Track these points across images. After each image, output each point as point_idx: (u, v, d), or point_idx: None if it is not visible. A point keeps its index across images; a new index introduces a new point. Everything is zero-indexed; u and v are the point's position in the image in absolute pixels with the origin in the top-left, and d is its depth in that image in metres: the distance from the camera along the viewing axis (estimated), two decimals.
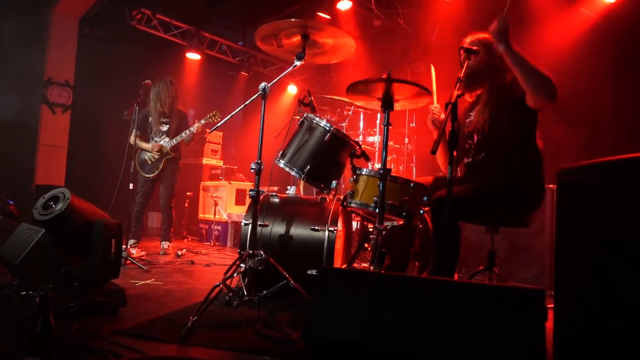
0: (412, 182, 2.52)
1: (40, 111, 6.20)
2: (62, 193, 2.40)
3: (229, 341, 1.96)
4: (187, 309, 2.48)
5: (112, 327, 2.05)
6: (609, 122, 4.53)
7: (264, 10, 7.14)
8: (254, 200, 2.55)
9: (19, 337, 1.84)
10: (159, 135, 4.82)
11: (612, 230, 1.31)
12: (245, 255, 2.52)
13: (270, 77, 7.22)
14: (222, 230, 6.06)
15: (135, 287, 3.01)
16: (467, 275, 3.65)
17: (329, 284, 1.66)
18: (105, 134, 7.13)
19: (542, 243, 3.45)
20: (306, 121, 2.79)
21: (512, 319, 1.36)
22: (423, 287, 1.55)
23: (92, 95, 6.77)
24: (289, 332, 2.05)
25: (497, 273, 2.69)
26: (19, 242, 2.74)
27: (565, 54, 4.56)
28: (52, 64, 6.24)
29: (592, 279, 1.35)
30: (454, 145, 2.02)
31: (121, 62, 6.99)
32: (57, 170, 6.26)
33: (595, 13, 4.61)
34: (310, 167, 2.68)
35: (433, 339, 1.41)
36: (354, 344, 1.48)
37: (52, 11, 6.17)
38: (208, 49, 7.49)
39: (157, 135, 4.83)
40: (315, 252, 2.76)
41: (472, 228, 3.75)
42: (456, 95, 2.08)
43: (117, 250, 2.46)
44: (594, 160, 1.40)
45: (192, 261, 4.35)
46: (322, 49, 2.90)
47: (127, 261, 3.81)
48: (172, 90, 4.83)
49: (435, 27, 6.12)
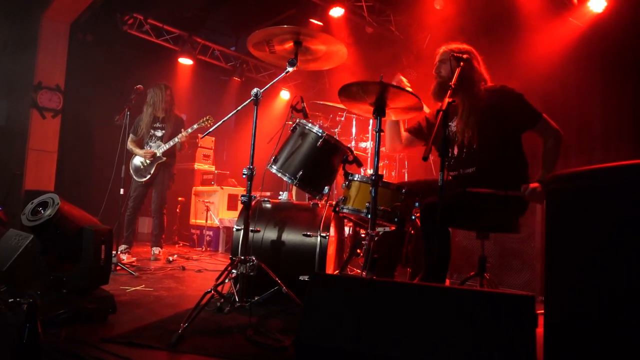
0: (404, 188, 2.53)
1: (30, 116, 6.13)
2: (51, 198, 2.38)
3: (220, 348, 1.95)
4: (177, 315, 2.46)
5: (102, 334, 2.03)
6: (596, 130, 4.59)
7: (256, 16, 7.16)
8: (246, 205, 2.55)
9: (5, 345, 1.81)
10: (153, 141, 4.81)
11: (601, 235, 1.33)
12: (237, 261, 2.51)
13: (263, 83, 7.24)
14: (214, 236, 6.03)
15: (125, 294, 2.98)
16: (458, 281, 3.66)
17: (320, 290, 1.66)
18: (96, 139, 7.09)
19: (532, 249, 3.48)
20: (298, 127, 2.80)
21: (502, 325, 1.37)
22: (414, 293, 1.56)
23: (82, 100, 6.73)
24: (281, 338, 2.04)
25: (488, 279, 2.70)
26: (7, 248, 2.70)
27: (553, 63, 4.62)
28: (43, 68, 6.19)
29: (582, 283, 1.36)
30: (445, 152, 2.04)
31: (112, 67, 6.97)
32: (46, 175, 6.20)
33: (583, 23, 4.68)
34: (303, 172, 2.68)
35: (424, 345, 1.41)
36: (345, 350, 1.48)
37: (42, 16, 6.13)
38: (200, 54, 7.49)
39: (152, 141, 4.81)
40: (307, 258, 2.76)
41: (463, 234, 3.77)
42: (447, 102, 2.10)
43: (107, 256, 2.44)
44: (583, 167, 1.42)
45: (184, 267, 4.32)
46: (314, 55, 2.91)
47: (117, 267, 3.78)
48: (167, 95, 4.82)
49: (426, 34, 6.18)
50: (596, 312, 1.31)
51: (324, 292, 1.65)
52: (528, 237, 3.48)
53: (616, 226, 1.29)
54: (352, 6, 6.08)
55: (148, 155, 4.71)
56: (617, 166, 1.31)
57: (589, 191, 1.38)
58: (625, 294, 1.24)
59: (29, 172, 6.06)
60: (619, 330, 1.25)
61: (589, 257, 1.35)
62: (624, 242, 1.26)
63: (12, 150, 6.16)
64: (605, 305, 1.29)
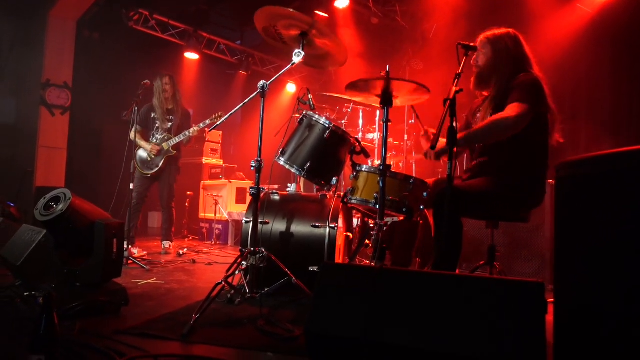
0: (412, 178, 2.52)
1: (39, 113, 6.20)
2: (63, 193, 2.41)
3: (231, 338, 1.98)
4: (189, 307, 2.49)
5: (115, 326, 2.06)
6: (607, 116, 4.55)
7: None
8: (255, 198, 2.56)
9: (21, 338, 1.85)
10: (160, 133, 4.73)
11: (611, 222, 1.32)
12: (247, 252, 2.53)
13: (269, 76, 7.21)
14: (223, 229, 6.07)
15: (137, 287, 3.02)
16: (467, 270, 3.66)
17: (330, 280, 1.67)
18: (105, 134, 7.14)
19: (542, 238, 3.46)
20: (305, 119, 2.80)
21: (512, 312, 1.37)
22: (423, 282, 1.56)
23: (90, 97, 6.77)
24: (291, 328, 2.06)
25: (497, 268, 2.70)
26: (21, 243, 2.74)
27: (562, 50, 4.57)
28: (50, 65, 6.24)
29: (592, 270, 1.36)
30: (453, 142, 2.03)
31: (119, 63, 7.00)
32: (57, 172, 6.27)
33: (591, 9, 4.62)
34: (310, 164, 2.69)
35: (434, 332, 1.42)
36: (355, 339, 1.49)
37: (49, 13, 6.17)
38: (206, 49, 7.49)
39: (159, 133, 4.73)
40: (316, 249, 2.77)
41: (473, 223, 3.76)
42: (454, 91, 2.08)
43: (118, 249, 2.47)
44: (592, 153, 1.41)
45: (194, 260, 4.36)
46: (317, 51, 2.89)
47: (128, 261, 3.83)
48: (164, 83, 4.72)
49: (433, 23, 6.12)
50: (606, 300, 1.31)
51: (334, 281, 1.66)
52: (538, 226, 3.46)
53: (626, 213, 1.28)
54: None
55: (154, 151, 4.63)
56: (626, 151, 1.29)
57: (599, 177, 1.37)
58: (636, 281, 1.24)
59: (40, 169, 6.14)
60: (629, 318, 1.24)
61: (599, 244, 1.34)
62: (634, 229, 1.25)
63: (22, 148, 6.23)
64: (615, 293, 1.28)
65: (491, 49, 2.54)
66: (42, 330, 1.37)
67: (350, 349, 1.52)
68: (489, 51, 2.55)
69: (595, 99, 4.62)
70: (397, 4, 6.30)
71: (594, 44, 4.52)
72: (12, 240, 2.92)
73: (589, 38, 4.54)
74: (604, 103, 4.57)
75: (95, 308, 2.25)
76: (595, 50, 4.51)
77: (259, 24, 2.80)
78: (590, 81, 4.65)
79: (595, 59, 4.53)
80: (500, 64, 2.51)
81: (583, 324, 1.37)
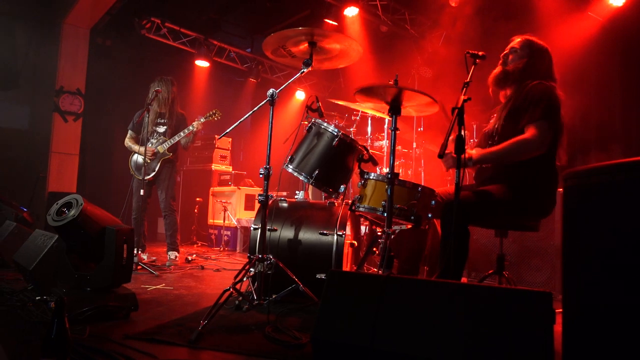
0: (420, 186, 2.52)
1: (53, 119, 6.31)
2: (75, 199, 2.44)
3: (239, 345, 1.99)
4: (197, 313, 2.51)
5: (125, 331, 2.08)
6: (617, 125, 4.51)
7: (271, 18, 7.21)
8: (263, 204, 2.58)
9: (33, 341, 1.88)
10: (154, 137, 4.59)
11: (619, 232, 1.32)
12: (255, 259, 2.55)
13: (278, 83, 7.29)
14: (232, 236, 6.10)
15: (146, 292, 3.05)
16: (476, 279, 3.64)
17: (337, 288, 1.67)
18: (116, 141, 7.22)
19: (552, 246, 3.43)
20: (314, 126, 2.82)
21: (519, 321, 1.36)
22: (431, 290, 1.56)
23: (103, 103, 6.89)
24: (299, 335, 2.07)
25: (506, 277, 2.68)
26: (33, 248, 2.79)
27: (573, 57, 4.55)
28: (64, 73, 6.36)
29: (599, 280, 1.35)
30: (461, 149, 2.03)
31: (131, 70, 7.11)
32: (69, 177, 6.36)
33: (602, 16, 4.61)
34: (319, 171, 2.70)
35: (441, 341, 1.41)
36: (362, 347, 1.49)
37: (63, 22, 6.30)
38: (216, 57, 7.58)
39: (153, 137, 4.59)
40: (323, 256, 2.78)
41: (482, 232, 3.74)
42: (463, 100, 2.09)
43: (128, 255, 2.49)
44: (601, 163, 1.40)
45: (202, 266, 4.38)
46: (329, 54, 2.92)
47: (138, 266, 3.85)
48: (172, 91, 4.63)
49: (442, 32, 6.14)
50: (614, 310, 1.30)
51: (341, 289, 1.67)
52: (547, 235, 3.43)
53: (634, 222, 1.28)
54: (367, 5, 6.09)
55: (149, 154, 4.44)
56: (634, 161, 1.29)
57: (608, 187, 1.36)
58: None
59: (52, 175, 6.24)
60: (638, 327, 1.23)
61: (606, 254, 1.34)
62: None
63: (35, 154, 6.33)
64: (623, 303, 1.27)
65: (529, 54, 2.53)
66: (53, 334, 1.39)
67: (357, 357, 1.52)
68: (526, 54, 2.54)
69: (605, 107, 4.60)
70: (407, 12, 6.32)
71: (604, 51, 4.50)
72: (25, 244, 2.97)
73: (599, 45, 4.53)
74: (614, 111, 4.54)
75: (105, 313, 2.27)
76: (605, 58, 4.50)
77: (267, 50, 2.86)
78: (600, 89, 4.62)
79: (605, 66, 4.51)
80: (532, 72, 2.51)
81: (592, 334, 1.36)
